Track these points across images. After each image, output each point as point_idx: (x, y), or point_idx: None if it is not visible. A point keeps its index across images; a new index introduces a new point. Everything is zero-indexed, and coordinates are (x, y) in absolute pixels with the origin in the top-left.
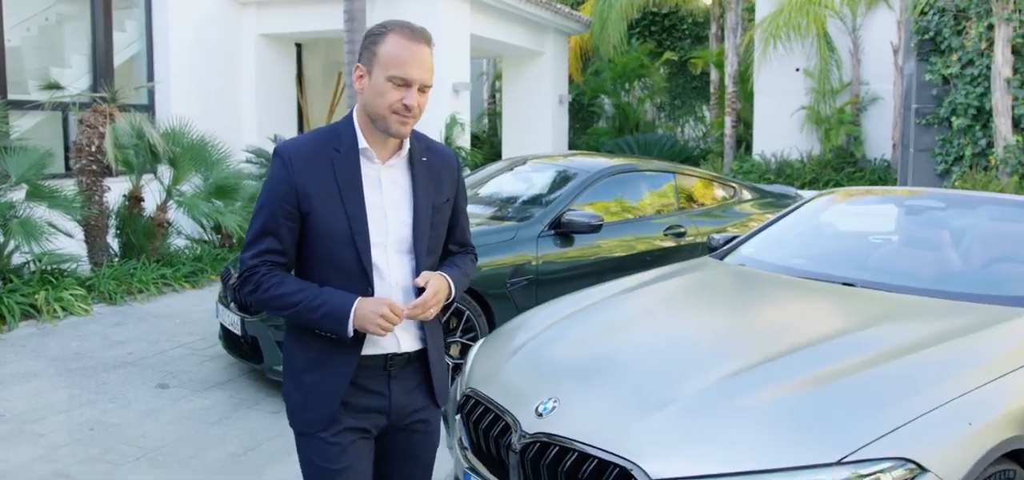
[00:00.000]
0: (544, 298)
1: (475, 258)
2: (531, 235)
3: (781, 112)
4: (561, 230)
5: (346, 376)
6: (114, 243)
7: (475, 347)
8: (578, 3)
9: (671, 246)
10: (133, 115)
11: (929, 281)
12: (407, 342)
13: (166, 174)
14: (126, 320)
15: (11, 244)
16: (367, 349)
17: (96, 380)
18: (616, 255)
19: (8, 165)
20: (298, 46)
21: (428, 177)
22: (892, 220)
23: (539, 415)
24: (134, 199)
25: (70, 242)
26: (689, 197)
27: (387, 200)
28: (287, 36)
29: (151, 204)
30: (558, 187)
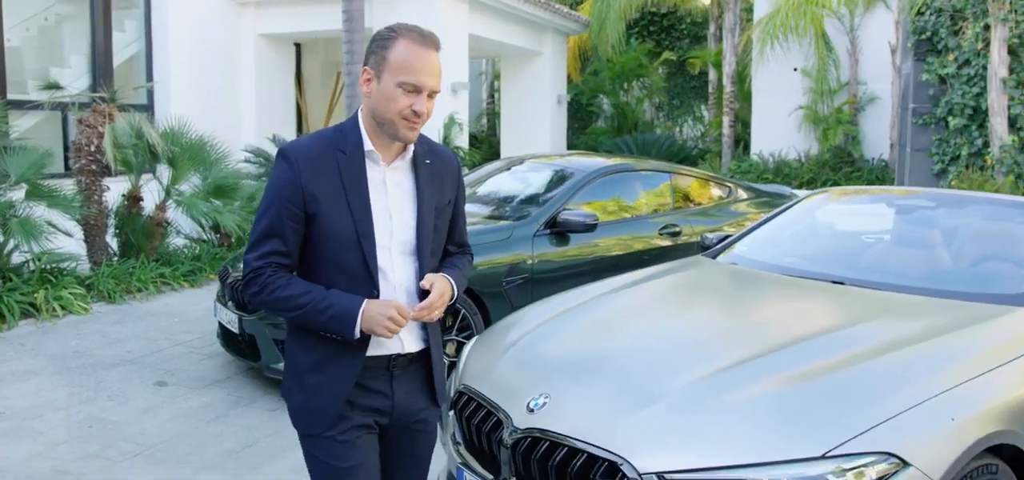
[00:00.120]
0: (539, 297)
1: (471, 257)
2: (527, 234)
3: (779, 112)
4: (557, 229)
5: (351, 377)
6: (113, 242)
7: (469, 344)
8: (577, 3)
9: (666, 245)
10: (132, 115)
11: (917, 279)
12: (410, 343)
13: (165, 174)
14: (125, 319)
15: (11, 243)
16: (371, 350)
17: (95, 378)
18: (611, 254)
19: (8, 165)
20: (297, 46)
21: (431, 179)
22: (882, 219)
23: (530, 411)
24: (133, 199)
25: (69, 241)
26: (685, 196)
27: (392, 203)
28: (286, 36)
29: (150, 204)
30: (554, 187)
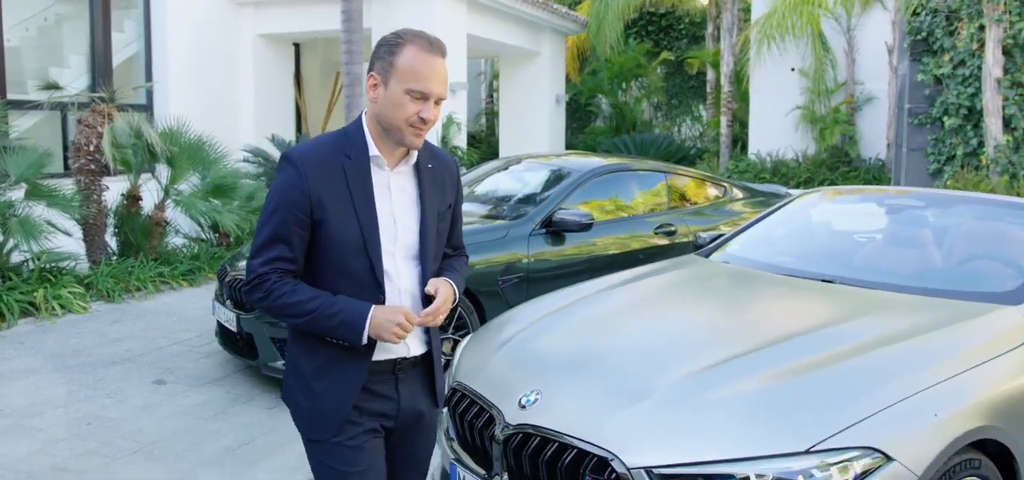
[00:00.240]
0: (535, 295)
1: (467, 259)
2: (522, 233)
3: (776, 112)
4: (552, 228)
5: (357, 382)
6: (112, 241)
7: (463, 342)
8: (575, 3)
9: (661, 244)
10: (131, 115)
11: (905, 278)
12: (415, 347)
13: (164, 173)
14: (124, 317)
15: (10, 242)
16: (377, 355)
17: (94, 376)
18: (607, 253)
19: (7, 164)
20: (296, 46)
21: (433, 184)
22: (872, 219)
23: (522, 407)
24: (132, 198)
25: (69, 240)
26: (681, 196)
27: (396, 208)
28: (285, 36)
29: (149, 203)
30: (550, 186)
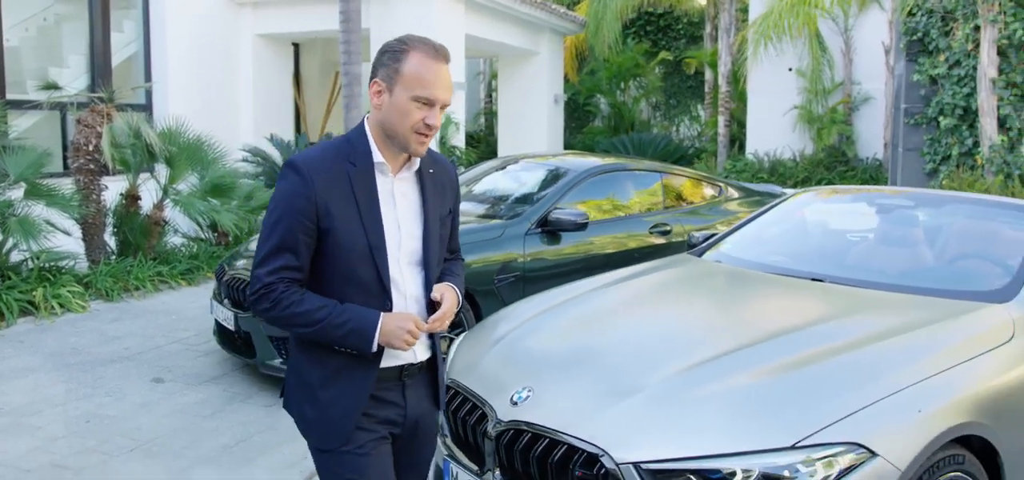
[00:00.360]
0: (531, 294)
1: (463, 262)
2: (518, 233)
3: (774, 112)
4: (548, 228)
5: (366, 389)
6: (111, 241)
7: (458, 340)
8: (573, 3)
9: (656, 244)
10: (130, 115)
11: (895, 276)
12: (421, 352)
13: (163, 173)
14: (123, 316)
15: (10, 242)
16: (384, 361)
17: (93, 374)
18: (602, 252)
19: (7, 164)
20: (295, 46)
21: (435, 189)
22: (863, 218)
23: (514, 404)
24: (131, 198)
25: (68, 240)
26: (677, 196)
27: (400, 214)
28: (284, 36)
29: (148, 202)
30: (546, 186)
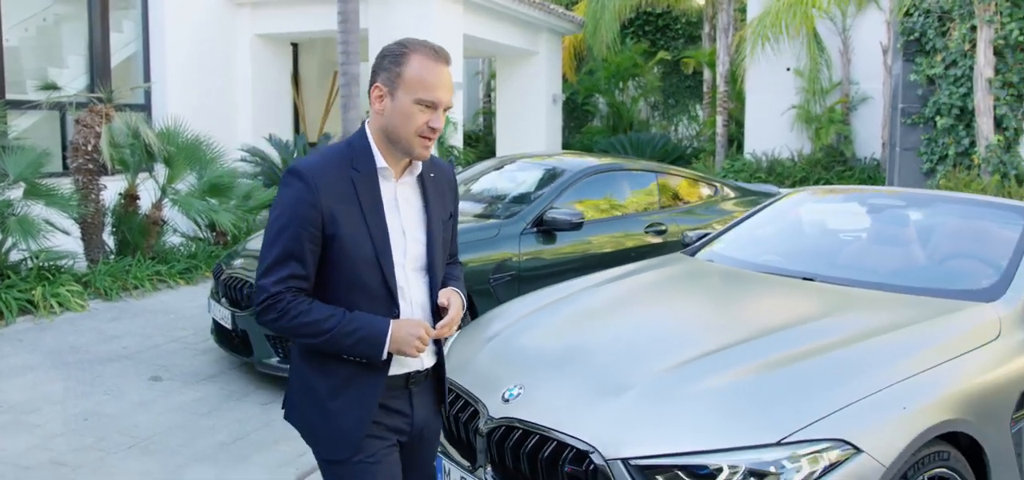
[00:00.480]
0: (526, 294)
1: (461, 266)
2: (514, 232)
3: (772, 111)
4: (543, 227)
5: (375, 398)
6: (110, 240)
7: (452, 338)
8: (571, 3)
9: (652, 243)
10: (129, 115)
11: (884, 275)
12: (427, 358)
13: (161, 173)
14: (121, 315)
15: (9, 241)
16: (392, 369)
17: (91, 373)
18: (597, 252)
19: (6, 164)
20: (294, 46)
21: (436, 193)
22: (854, 218)
23: (505, 401)
24: (130, 197)
25: (67, 239)
26: (673, 195)
27: (404, 220)
28: (283, 36)
29: (146, 202)
30: (542, 186)
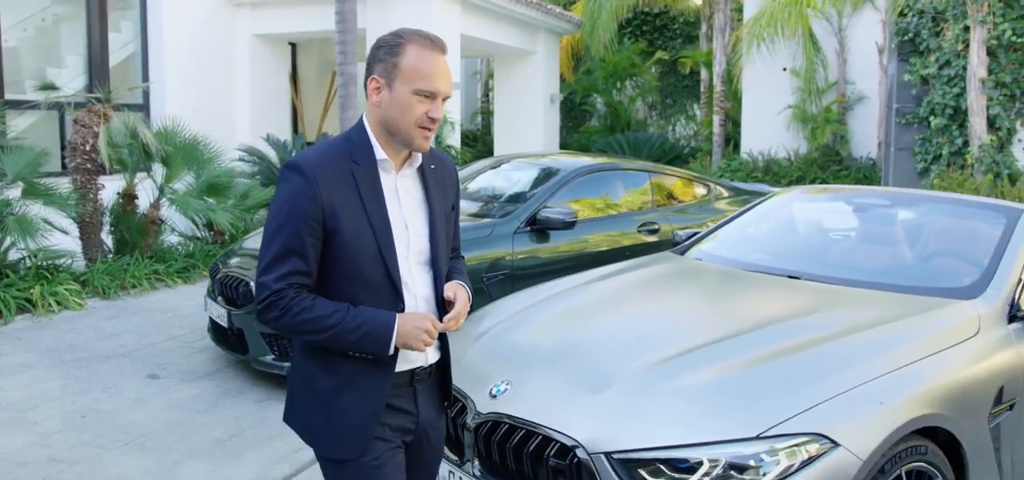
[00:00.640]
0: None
1: (464, 260)
2: (507, 231)
3: (768, 111)
4: (537, 226)
5: (382, 395)
6: (108, 239)
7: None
8: (569, 3)
9: (645, 242)
10: (127, 115)
11: (868, 273)
12: (432, 354)
13: (159, 172)
14: (119, 314)
15: (7, 240)
16: (397, 365)
17: (89, 371)
18: (590, 251)
19: (5, 163)
20: (292, 46)
21: (437, 186)
22: (841, 217)
23: (492, 396)
24: (128, 197)
25: (65, 238)
26: (667, 195)
27: (406, 212)
28: (281, 36)
29: (144, 202)
30: (536, 185)
